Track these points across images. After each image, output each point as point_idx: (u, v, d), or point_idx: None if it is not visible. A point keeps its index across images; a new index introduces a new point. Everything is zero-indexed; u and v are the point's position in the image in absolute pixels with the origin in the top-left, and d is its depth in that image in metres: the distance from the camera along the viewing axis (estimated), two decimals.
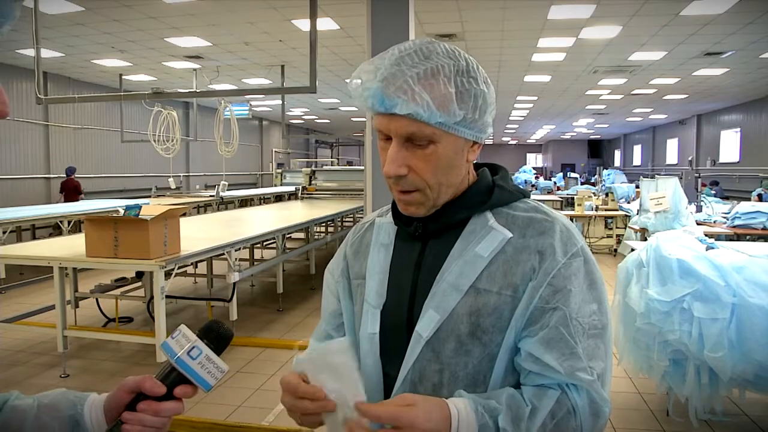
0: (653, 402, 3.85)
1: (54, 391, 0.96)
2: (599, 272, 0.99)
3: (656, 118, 21.47)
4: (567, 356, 0.91)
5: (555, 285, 0.94)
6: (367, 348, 1.04)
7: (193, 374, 0.86)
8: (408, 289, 1.02)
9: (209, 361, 0.86)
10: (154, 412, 0.86)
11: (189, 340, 0.86)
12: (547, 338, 0.92)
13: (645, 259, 3.49)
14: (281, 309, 6.20)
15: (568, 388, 0.91)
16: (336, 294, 1.15)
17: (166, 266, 3.82)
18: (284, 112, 12.57)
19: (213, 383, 0.87)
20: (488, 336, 0.95)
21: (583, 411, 0.90)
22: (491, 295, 0.95)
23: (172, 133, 9.15)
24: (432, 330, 0.96)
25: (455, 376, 0.96)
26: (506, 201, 1.03)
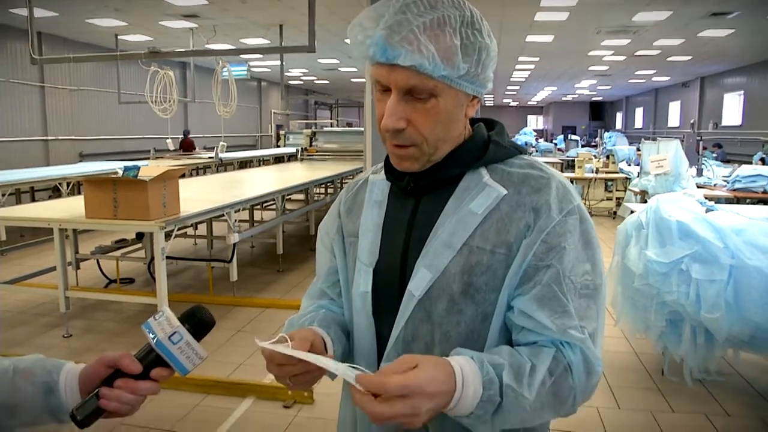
0: (649, 362, 3.89)
1: (31, 356, 0.96)
2: (595, 232, 0.97)
3: (659, 81, 21.21)
4: (559, 314, 0.90)
5: (549, 242, 0.92)
6: (359, 307, 1.03)
7: (172, 358, 0.87)
8: (400, 246, 1.00)
9: (189, 347, 0.87)
10: (131, 390, 0.88)
11: (171, 325, 0.86)
12: (539, 296, 0.91)
13: (645, 221, 3.47)
14: (281, 270, 6.23)
15: (562, 345, 0.90)
16: (331, 251, 1.14)
17: (165, 227, 3.81)
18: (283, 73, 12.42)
19: (190, 368, 0.88)
20: (481, 295, 0.94)
21: (577, 369, 0.89)
22: (485, 253, 0.94)
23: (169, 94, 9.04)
24: (424, 289, 0.95)
25: (447, 335, 0.95)
26: (501, 157, 1.00)
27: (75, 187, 7.99)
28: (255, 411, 3.24)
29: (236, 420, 3.13)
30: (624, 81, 21.54)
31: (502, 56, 14.26)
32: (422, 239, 0.98)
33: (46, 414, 0.91)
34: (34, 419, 0.91)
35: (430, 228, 0.98)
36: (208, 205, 4.54)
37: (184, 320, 0.88)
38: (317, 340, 0.96)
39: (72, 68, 12.20)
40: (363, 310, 1.03)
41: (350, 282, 1.08)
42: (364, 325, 1.03)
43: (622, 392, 3.46)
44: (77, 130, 12.47)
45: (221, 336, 4.23)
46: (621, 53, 14.32)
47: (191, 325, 0.88)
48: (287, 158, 12.52)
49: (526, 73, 19.12)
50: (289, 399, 3.30)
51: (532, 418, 0.87)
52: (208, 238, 6.55)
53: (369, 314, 1.02)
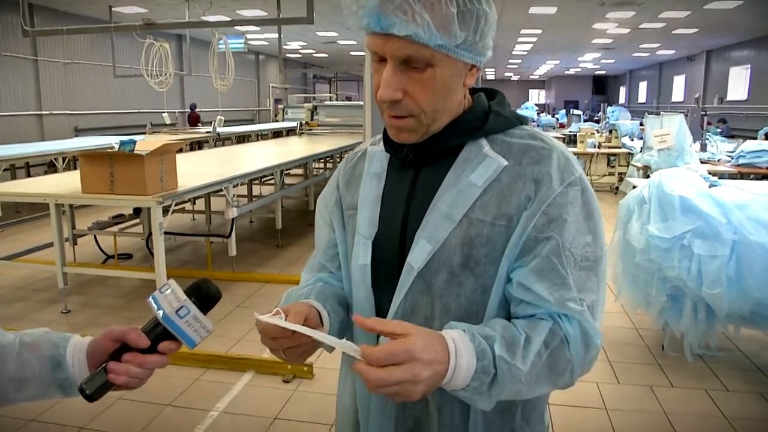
0: (649, 337, 3.92)
1: (36, 330, 0.96)
2: (597, 204, 0.96)
3: (664, 54, 21.01)
4: (558, 286, 0.90)
5: (550, 214, 0.91)
6: (358, 280, 1.03)
7: (180, 332, 0.87)
8: (400, 219, 1.00)
9: (196, 320, 0.87)
10: (140, 364, 0.88)
11: (179, 299, 0.87)
12: (538, 268, 0.91)
13: (647, 196, 3.47)
14: (280, 245, 6.25)
15: (560, 318, 0.90)
16: (330, 224, 1.13)
17: (163, 202, 3.81)
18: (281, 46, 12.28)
19: (198, 341, 0.88)
20: (481, 267, 0.94)
21: (575, 341, 0.89)
22: (485, 225, 0.93)
23: (165, 67, 8.97)
24: (424, 261, 0.95)
25: (447, 308, 0.96)
26: (502, 127, 0.99)
27: (71, 163, 7.97)
28: (254, 385, 3.27)
29: (236, 394, 3.16)
30: (628, 54, 21.33)
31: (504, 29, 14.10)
32: (422, 211, 0.97)
33: (53, 387, 0.91)
34: (42, 393, 0.92)
35: (430, 200, 0.97)
36: (206, 179, 4.53)
37: (191, 293, 0.88)
38: (312, 313, 0.96)
39: (66, 41, 12.07)
40: (362, 282, 1.03)
41: (349, 255, 1.07)
42: (363, 298, 1.03)
43: (621, 367, 3.49)
44: (72, 104, 12.38)
45: (220, 311, 4.26)
46: (625, 26, 14.16)
47: (197, 298, 0.88)
48: (286, 132, 12.47)
49: (529, 46, 18.92)
50: (288, 373, 3.33)
51: (528, 390, 0.87)
52: (207, 213, 6.55)
53: (368, 287, 1.02)
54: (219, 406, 3.04)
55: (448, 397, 0.97)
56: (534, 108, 20.95)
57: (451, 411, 1.00)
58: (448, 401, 0.99)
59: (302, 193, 7.87)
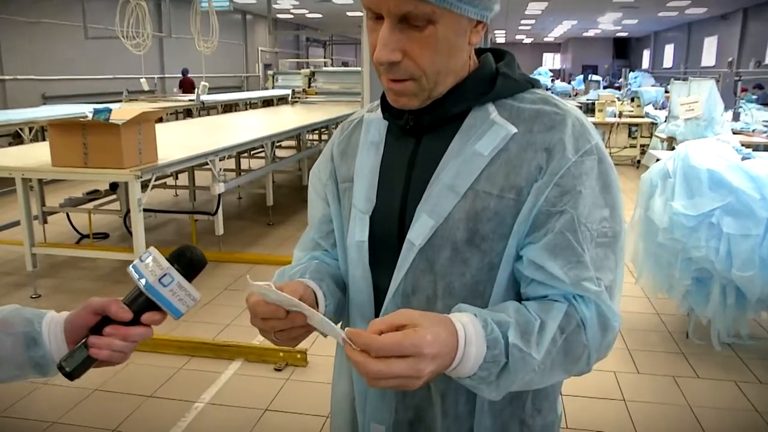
0: (672, 323, 3.95)
1: (5, 306, 0.96)
2: (615, 174, 0.96)
3: (693, 13, 20.79)
4: (573, 264, 0.90)
5: (563, 185, 0.91)
6: (355, 257, 1.04)
7: (164, 301, 0.88)
8: (400, 192, 1.00)
9: (181, 289, 0.88)
10: (123, 337, 0.89)
11: (161, 267, 0.87)
12: (551, 244, 0.90)
13: (671, 170, 3.47)
14: (271, 223, 6.26)
15: (575, 300, 0.90)
16: (324, 198, 1.13)
17: (142, 176, 3.81)
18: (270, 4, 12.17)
19: (184, 311, 0.89)
20: (488, 243, 0.94)
21: (591, 324, 0.89)
22: (492, 197, 0.93)
23: (142, 28, 8.89)
24: (425, 237, 0.95)
25: (451, 287, 0.96)
26: (511, 91, 0.98)
27: (39, 133, 7.92)
28: (243, 374, 3.30)
29: (223, 384, 3.19)
30: (653, 14, 21.11)
31: None
32: (423, 183, 0.97)
33: (29, 367, 0.92)
34: (17, 373, 0.92)
35: (432, 171, 0.97)
36: (190, 152, 4.52)
37: (174, 261, 0.89)
38: (307, 293, 0.97)
39: None
40: (359, 260, 1.03)
41: (345, 231, 1.08)
42: (360, 278, 1.04)
43: (642, 356, 3.52)
44: (39, 69, 12.29)
45: (206, 294, 4.29)
46: None
47: (181, 266, 0.89)
48: (277, 101, 12.41)
49: (543, 5, 18.74)
50: (280, 362, 3.37)
51: (541, 379, 0.88)
52: (191, 188, 6.56)
53: (365, 265, 1.03)
54: (205, 397, 3.07)
55: (453, 385, 0.99)
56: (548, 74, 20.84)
57: (455, 399, 1.01)
58: (452, 389, 1.00)
59: (295, 166, 7.86)
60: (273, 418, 2.91)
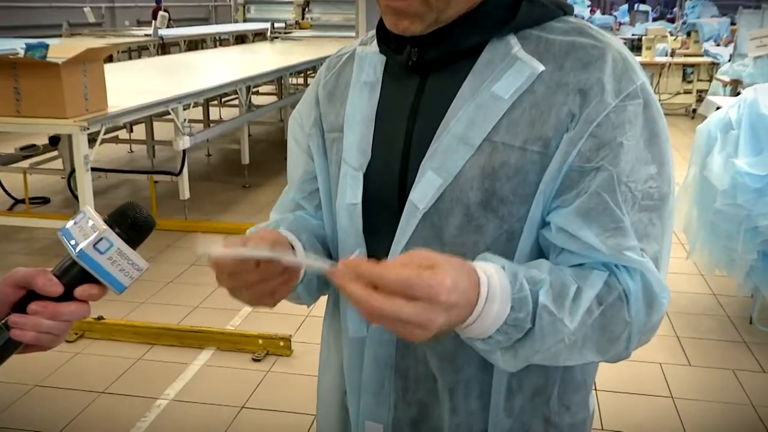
0: (732, 306, 3.97)
1: None
2: (664, 124, 0.95)
3: None
4: (611, 232, 0.89)
5: (600, 137, 0.90)
6: (346, 223, 1.04)
7: (101, 272, 0.86)
8: (400, 144, 1.00)
9: (122, 257, 0.87)
10: (52, 315, 0.87)
11: (96, 229, 0.86)
12: (585, 208, 0.90)
13: (735, 119, 3.45)
14: (247, 185, 6.27)
15: (618, 269, 0.90)
16: (307, 150, 1.13)
17: (89, 127, 3.79)
18: None
19: (127, 284, 0.88)
20: (507, 207, 0.94)
21: (636, 299, 0.89)
22: (512, 151, 0.93)
23: None
24: (431, 199, 0.95)
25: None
26: (538, 19, 0.97)
27: None
28: (215, 366, 3.33)
29: (191, 377, 3.22)
30: None
31: None
32: (429, 133, 0.97)
33: None
34: None
35: (440, 118, 0.96)
36: (147, 98, 4.49)
37: (113, 222, 0.88)
38: (281, 240, 0.94)
39: None
40: (351, 227, 1.03)
41: (333, 191, 1.08)
42: (352, 248, 1.04)
43: (694, 345, 3.54)
44: None
45: (169, 271, 4.29)
46: None
47: (123, 229, 0.88)
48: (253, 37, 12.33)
49: None
50: (259, 350, 3.39)
51: (569, 355, 0.88)
52: (149, 143, 6.54)
53: (359, 233, 1.03)
54: (169, 392, 3.10)
55: (464, 377, 1.00)
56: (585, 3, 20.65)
57: (465, 393, 1.02)
58: (462, 381, 1.01)
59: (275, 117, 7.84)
60: (250, 417, 2.95)
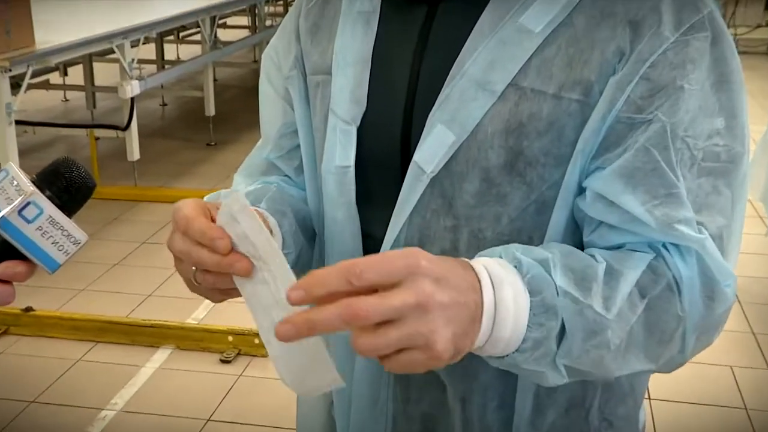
0: None
1: None
2: (738, 64, 0.94)
3: None
4: (660, 199, 0.88)
5: (655, 80, 0.89)
6: (334, 191, 1.03)
7: (28, 245, 0.86)
8: (403, 90, 0.99)
9: (55, 226, 0.87)
10: None
11: (21, 192, 0.85)
12: (630, 167, 0.88)
13: None
14: (213, 142, 6.30)
15: (666, 249, 0.89)
16: (285, 96, 1.13)
17: (11, 69, 3.78)
18: None
19: (61, 260, 0.88)
20: (536, 171, 0.93)
21: (690, 287, 0.87)
22: (544, 99, 0.91)
23: None
24: (442, 160, 0.94)
25: (479, 237, 0.95)
26: None
27: None
28: (174, 368, 3.36)
29: (144, 382, 3.24)
30: None
31: None
32: (439, 77, 0.96)
33: None
34: None
35: (453, 58, 0.95)
36: (85, 32, 4.48)
37: (43, 183, 0.87)
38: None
39: None
40: (340, 197, 1.03)
41: (318, 150, 1.07)
42: (341, 222, 1.04)
43: None
44: None
45: (116, 250, 4.29)
46: None
47: (56, 191, 0.87)
48: None
49: None
50: (229, 349, 3.40)
51: (613, 361, 0.85)
52: (88, 90, 6.52)
53: (350, 203, 1.02)
54: (116, 402, 3.12)
55: (479, 385, 1.00)
56: None
57: (481, 404, 1.01)
58: (478, 390, 1.01)
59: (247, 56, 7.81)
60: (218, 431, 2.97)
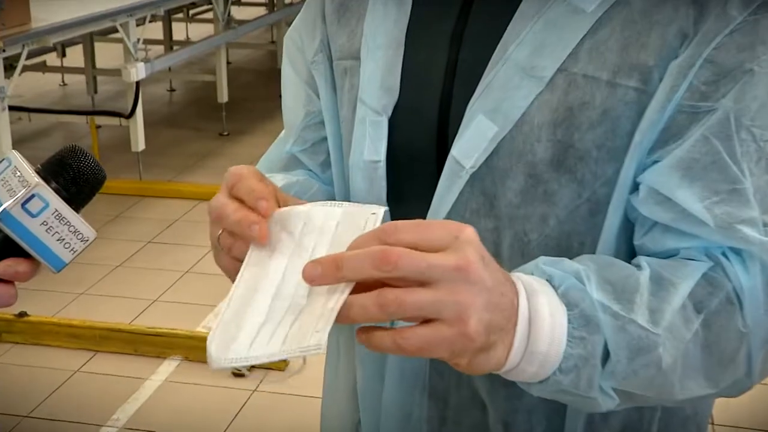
0: None
1: None
2: None
3: None
4: (722, 195, 0.87)
5: (721, 63, 0.88)
6: (363, 188, 1.04)
7: (32, 241, 0.87)
8: (440, 77, 0.99)
9: (61, 221, 0.87)
10: None
11: (25, 183, 0.86)
12: (687, 159, 0.88)
13: None
14: (226, 133, 6.33)
15: (726, 257, 0.88)
16: (310, 83, 1.14)
17: (4, 49, 3.82)
18: None
19: (68, 258, 0.89)
20: (589, 166, 0.93)
21: (753, 300, 0.86)
22: (598, 86, 0.91)
23: None
24: (483, 154, 0.94)
25: (523, 241, 0.95)
26: None
27: None
28: (182, 381, 3.36)
29: (149, 397, 3.25)
30: None
31: None
32: (480, 62, 0.96)
33: None
34: None
35: (496, 41, 0.95)
36: (86, 9, 4.52)
37: (49, 174, 0.88)
38: None
39: None
40: (370, 194, 1.03)
41: (346, 143, 1.08)
42: None
43: None
44: None
45: (118, 250, 4.31)
46: None
47: (62, 183, 0.88)
48: None
49: None
50: None
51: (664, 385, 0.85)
52: (89, 73, 6.57)
53: (382, 201, 1.02)
54: (118, 417, 3.13)
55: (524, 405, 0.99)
56: None
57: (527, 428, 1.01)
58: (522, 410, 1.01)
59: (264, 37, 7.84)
60: None
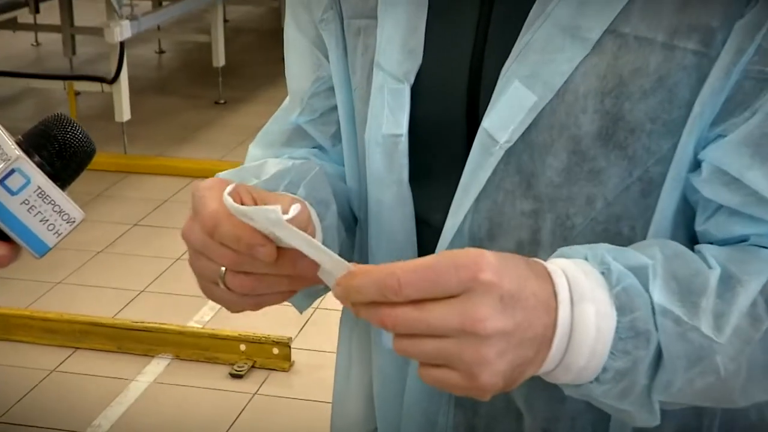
0: None
1: None
2: None
3: None
4: None
5: None
6: (381, 166, 1.03)
7: (12, 222, 0.88)
8: (470, 39, 0.99)
9: (44, 200, 0.88)
10: None
11: (5, 157, 0.86)
12: (758, 135, 0.88)
13: None
14: (222, 101, 6.37)
15: None
16: (317, 44, 1.13)
17: None
18: None
19: (52, 242, 0.90)
20: (641, 140, 0.92)
21: None
22: (652, 49, 0.91)
23: None
24: (519, 127, 0.94)
25: (566, 225, 0.95)
26: None
27: None
28: (172, 383, 3.39)
29: (136, 399, 3.27)
30: None
31: None
32: (515, 22, 0.95)
33: None
34: None
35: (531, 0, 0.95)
36: None
37: (32, 146, 0.89)
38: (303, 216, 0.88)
39: None
40: (389, 173, 1.03)
41: (360, 114, 1.08)
42: (390, 204, 1.04)
43: None
44: None
45: (100, 233, 4.32)
46: None
47: (46, 157, 0.89)
48: None
49: None
50: (241, 360, 3.41)
51: (723, 389, 0.85)
52: (66, 31, 6.58)
53: (402, 182, 1.02)
54: (100, 423, 3.15)
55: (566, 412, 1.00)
56: None
57: None
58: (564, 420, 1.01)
59: None
60: None
